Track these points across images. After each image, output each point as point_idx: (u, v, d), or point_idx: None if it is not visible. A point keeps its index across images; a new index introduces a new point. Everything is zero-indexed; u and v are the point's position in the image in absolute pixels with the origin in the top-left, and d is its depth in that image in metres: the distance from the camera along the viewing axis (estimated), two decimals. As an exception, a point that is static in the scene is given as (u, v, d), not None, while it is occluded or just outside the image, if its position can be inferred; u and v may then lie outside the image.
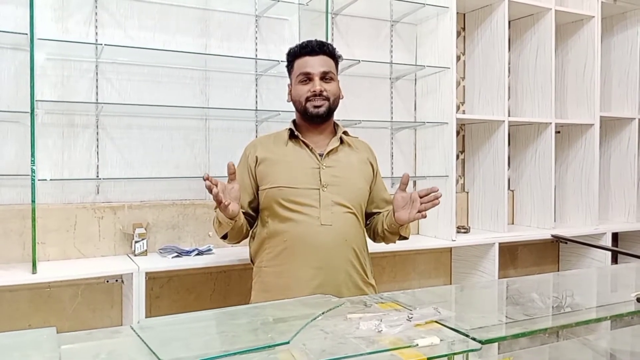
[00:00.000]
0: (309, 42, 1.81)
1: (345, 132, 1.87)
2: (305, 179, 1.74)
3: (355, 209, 1.78)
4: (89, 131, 2.23)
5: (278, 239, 1.74)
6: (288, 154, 1.79)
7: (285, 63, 1.89)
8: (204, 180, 1.55)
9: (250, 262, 1.89)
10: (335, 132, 1.86)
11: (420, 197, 1.69)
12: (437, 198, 1.69)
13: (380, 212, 1.89)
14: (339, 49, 2.62)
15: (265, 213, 1.79)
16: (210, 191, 1.55)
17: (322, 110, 1.77)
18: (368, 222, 1.92)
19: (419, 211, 1.69)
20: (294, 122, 1.87)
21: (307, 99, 1.77)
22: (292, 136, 1.81)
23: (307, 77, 1.78)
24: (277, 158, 1.78)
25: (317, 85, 1.76)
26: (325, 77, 1.78)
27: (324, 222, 1.70)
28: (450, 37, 2.66)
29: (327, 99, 1.78)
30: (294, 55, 1.83)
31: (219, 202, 1.59)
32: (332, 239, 1.71)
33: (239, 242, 1.85)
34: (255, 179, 1.81)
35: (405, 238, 1.87)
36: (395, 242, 1.89)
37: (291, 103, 1.86)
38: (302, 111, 1.80)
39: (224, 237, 1.77)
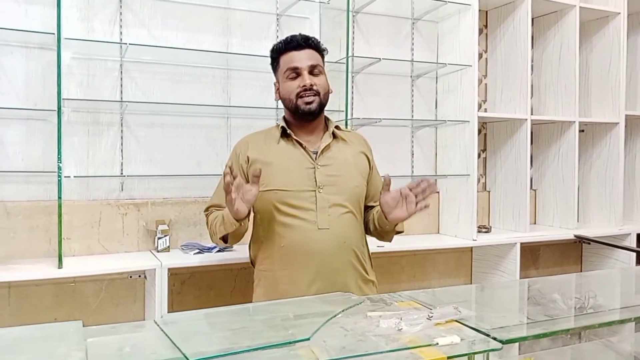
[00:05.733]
0: (293, 36, 1.74)
1: (337, 127, 1.80)
2: (300, 181, 1.68)
3: (353, 207, 1.73)
4: (114, 129, 2.27)
5: (275, 244, 1.69)
6: (281, 154, 1.72)
7: (270, 60, 1.81)
8: (225, 174, 1.51)
9: (250, 264, 1.85)
10: (327, 128, 1.79)
11: (411, 190, 1.61)
12: (431, 185, 1.59)
13: (375, 206, 1.81)
14: (360, 47, 2.68)
15: (259, 216, 1.74)
16: (224, 177, 1.51)
17: (313, 106, 1.70)
18: (363, 216, 1.85)
19: (416, 204, 1.60)
20: (284, 118, 1.79)
21: (298, 95, 1.69)
22: (283, 134, 1.75)
23: (295, 72, 1.71)
24: (270, 159, 1.71)
25: (307, 79, 1.69)
26: (313, 71, 1.71)
27: (321, 226, 1.65)
28: (472, 35, 2.64)
29: (318, 93, 1.70)
30: (278, 52, 1.75)
31: (227, 192, 1.53)
32: (330, 243, 1.66)
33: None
34: (247, 179, 1.71)
35: (401, 232, 1.80)
36: (390, 241, 1.83)
37: (280, 102, 1.79)
38: (292, 109, 1.72)
39: (224, 239, 1.70)
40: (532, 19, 2.88)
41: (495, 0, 2.85)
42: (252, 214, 1.73)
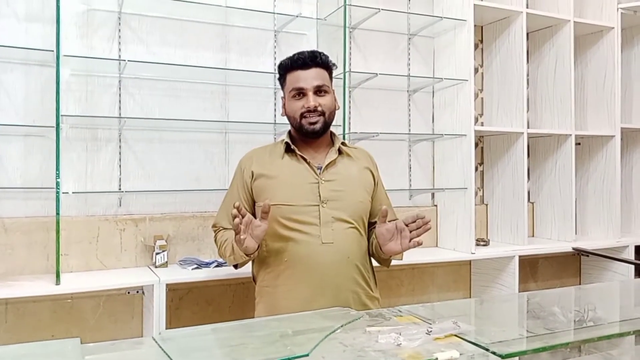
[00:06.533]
0: (301, 54, 1.74)
1: (343, 143, 1.80)
2: (304, 196, 1.67)
3: (357, 223, 1.72)
4: (112, 145, 2.27)
5: (278, 259, 1.68)
6: (285, 168, 1.72)
7: (278, 76, 1.82)
8: (234, 207, 1.49)
9: (252, 280, 1.84)
10: (332, 144, 1.79)
11: (407, 225, 1.60)
12: (426, 224, 1.59)
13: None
14: (357, 63, 2.70)
15: None
16: (233, 219, 1.51)
17: (317, 126, 1.70)
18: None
19: (410, 239, 1.60)
20: (289, 133, 1.80)
21: (302, 115, 1.70)
22: (288, 149, 1.75)
23: (301, 92, 1.71)
24: (274, 173, 1.71)
25: (311, 100, 1.69)
26: (319, 90, 1.71)
27: (324, 240, 1.65)
28: (468, 50, 2.67)
29: (322, 113, 1.71)
30: (285, 69, 1.76)
31: (236, 232, 1.53)
32: (334, 258, 1.65)
33: None
34: (252, 194, 1.75)
35: (399, 259, 1.80)
36: (388, 266, 1.83)
37: (286, 117, 1.79)
38: (297, 127, 1.74)
39: (234, 265, 1.75)
40: (527, 34, 2.92)
41: (491, 16, 2.88)
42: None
